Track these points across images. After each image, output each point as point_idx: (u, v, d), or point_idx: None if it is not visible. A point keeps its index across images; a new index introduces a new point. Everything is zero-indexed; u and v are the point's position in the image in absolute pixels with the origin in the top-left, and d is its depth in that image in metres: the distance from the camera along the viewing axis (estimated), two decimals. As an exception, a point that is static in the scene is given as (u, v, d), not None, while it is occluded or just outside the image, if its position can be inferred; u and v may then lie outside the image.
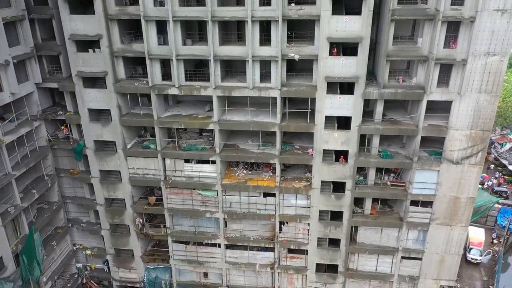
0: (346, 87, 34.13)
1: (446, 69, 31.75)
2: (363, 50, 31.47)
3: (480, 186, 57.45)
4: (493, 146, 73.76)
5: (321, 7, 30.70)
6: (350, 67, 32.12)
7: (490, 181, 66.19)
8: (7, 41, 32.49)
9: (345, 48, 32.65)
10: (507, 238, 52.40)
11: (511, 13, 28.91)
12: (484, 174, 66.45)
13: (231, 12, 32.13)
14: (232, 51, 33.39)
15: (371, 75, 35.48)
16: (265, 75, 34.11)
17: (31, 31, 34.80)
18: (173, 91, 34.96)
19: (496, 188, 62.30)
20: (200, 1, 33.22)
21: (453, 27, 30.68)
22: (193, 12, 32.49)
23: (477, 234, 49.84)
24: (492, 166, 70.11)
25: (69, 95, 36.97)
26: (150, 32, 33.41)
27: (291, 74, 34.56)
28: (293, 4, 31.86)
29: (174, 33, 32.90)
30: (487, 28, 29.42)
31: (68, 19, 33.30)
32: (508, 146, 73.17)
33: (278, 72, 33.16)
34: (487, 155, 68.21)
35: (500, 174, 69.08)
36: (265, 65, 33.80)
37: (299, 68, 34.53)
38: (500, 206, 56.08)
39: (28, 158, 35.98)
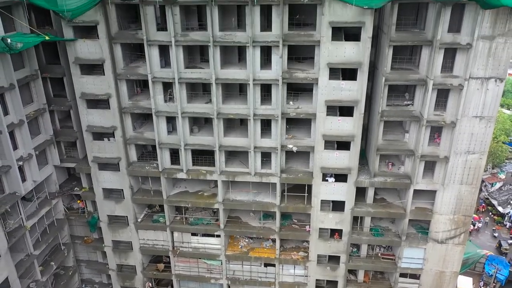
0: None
1: (430, 164, 34.84)
2: (355, 147, 34.60)
3: (471, 226, 60.35)
4: (484, 184, 76.80)
5: (317, 109, 33.80)
6: (343, 159, 35.23)
7: (481, 222, 69.20)
8: (29, 132, 35.51)
9: (339, 144, 35.60)
10: (494, 286, 55.48)
11: (488, 119, 32.05)
12: (475, 215, 69.48)
13: (235, 109, 35.21)
14: (236, 142, 36.48)
15: (363, 157, 38.56)
16: (265, 162, 37.17)
17: (50, 120, 37.79)
18: (181, 175, 38.04)
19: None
20: (206, 92, 36.53)
21: (436, 129, 33.80)
22: (199, 109, 35.55)
23: (466, 285, 52.83)
24: (482, 208, 73.02)
25: (85, 174, 40.01)
26: (160, 124, 36.46)
27: (290, 161, 37.65)
28: (291, 103, 34.99)
29: (183, 126, 35.96)
30: (467, 131, 32.56)
31: (86, 113, 36.36)
32: (498, 185, 76.30)
33: (277, 160, 36.25)
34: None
35: (491, 213, 72.23)
36: (266, 154, 36.85)
37: (297, 156, 37.50)
38: (488, 253, 59.13)
39: (47, 234, 39.04)
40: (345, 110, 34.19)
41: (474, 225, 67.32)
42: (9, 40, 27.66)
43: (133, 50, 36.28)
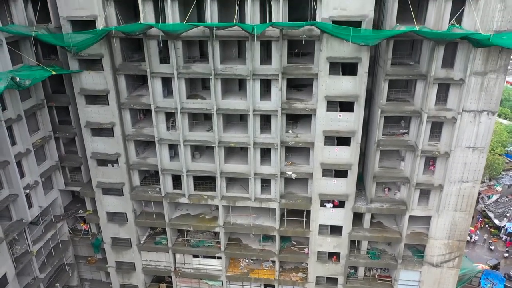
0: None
1: (425, 191, 35.86)
2: (352, 174, 35.62)
3: (468, 238, 61.23)
4: (481, 196, 77.80)
5: (315, 137, 34.83)
6: (341, 186, 36.26)
7: (477, 235, 70.20)
8: (35, 159, 36.48)
9: (337, 171, 36.60)
10: (490, 301, 56.54)
11: (481, 150, 33.07)
12: (471, 228, 70.47)
13: (236, 138, 36.21)
14: (236, 168, 37.50)
15: (361, 181, 39.57)
16: (265, 188, 38.18)
17: (56, 146, 38.79)
18: (183, 200, 39.05)
19: None
20: (207, 119, 37.54)
21: (431, 158, 34.82)
22: (201, 137, 36.56)
23: (461, 300, 53.92)
24: (479, 219, 73.94)
25: (89, 198, 41.02)
26: (162, 151, 37.45)
27: (290, 186, 38.67)
28: (290, 131, 36.02)
29: (185, 153, 36.95)
30: (460, 161, 33.57)
31: (90, 141, 37.37)
32: (494, 198, 77.35)
33: (277, 187, 37.26)
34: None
35: (487, 226, 73.27)
36: (266, 180, 37.85)
37: (296, 181, 38.46)
38: (484, 267, 60.14)
39: (52, 256, 40.06)
40: (343, 139, 35.18)
41: (470, 238, 68.28)
42: (18, 79, 28.67)
43: (137, 79, 37.26)
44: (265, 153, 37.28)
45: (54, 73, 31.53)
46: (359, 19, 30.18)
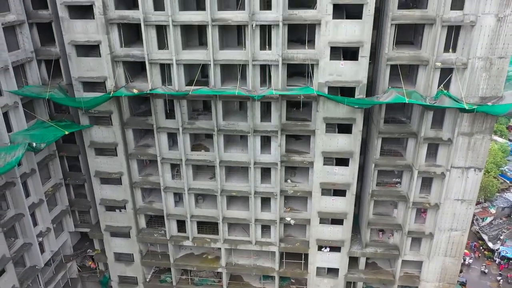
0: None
1: (417, 239, 37.86)
2: (348, 222, 37.69)
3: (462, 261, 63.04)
4: (475, 218, 79.75)
5: (312, 187, 36.85)
6: (337, 233, 38.30)
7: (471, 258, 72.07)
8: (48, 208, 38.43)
9: (333, 220, 38.61)
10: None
11: (469, 202, 35.13)
12: (466, 251, 72.37)
13: (237, 187, 38.20)
14: (238, 214, 39.59)
15: (356, 224, 41.52)
16: (265, 231, 40.22)
17: (66, 193, 40.81)
18: (187, 243, 41.07)
19: None
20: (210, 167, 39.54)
21: (421, 210, 36.93)
22: (204, 185, 38.59)
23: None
24: (475, 247, 75.57)
25: (98, 239, 43.03)
26: (168, 198, 39.49)
27: (288, 230, 40.68)
28: (289, 181, 38.05)
29: (189, 200, 38.97)
30: (450, 212, 35.60)
31: (99, 188, 39.43)
32: (488, 220, 79.30)
33: (276, 231, 39.29)
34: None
35: (481, 247, 75.10)
36: (266, 225, 39.89)
37: (295, 226, 40.39)
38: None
39: (62, 296, 42.08)
40: (339, 190, 37.17)
41: (464, 260, 70.17)
42: (34, 144, 30.71)
43: (144, 131, 39.25)
44: (265, 200, 39.24)
45: (66, 132, 33.46)
46: (353, 85, 32.20)
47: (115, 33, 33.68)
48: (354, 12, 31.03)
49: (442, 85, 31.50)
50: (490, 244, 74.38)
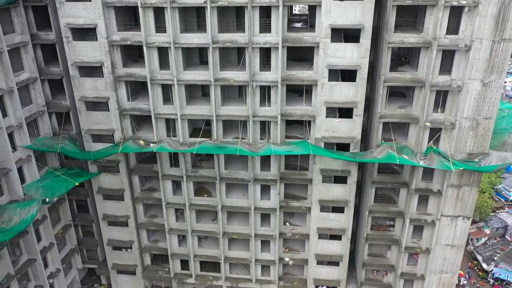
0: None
1: (409, 280, 39.73)
2: (344, 264, 39.58)
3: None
4: (470, 238, 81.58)
5: (310, 231, 38.76)
6: (333, 274, 40.23)
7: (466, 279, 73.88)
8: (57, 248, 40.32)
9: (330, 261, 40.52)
10: None
11: (458, 247, 37.09)
12: (461, 272, 74.13)
13: (238, 229, 40.09)
14: (239, 255, 41.50)
15: (352, 262, 43.41)
16: (265, 270, 42.13)
17: (75, 233, 42.69)
18: (190, 280, 42.96)
19: None
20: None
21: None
22: (207, 228, 40.49)
23: None
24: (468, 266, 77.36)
25: (105, 276, 44.93)
26: (172, 239, 41.38)
27: (287, 268, 42.57)
28: (288, 224, 39.96)
29: (192, 241, 40.86)
30: (440, 256, 37.51)
31: (107, 229, 41.29)
32: (483, 240, 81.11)
33: (276, 270, 41.20)
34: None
35: (476, 268, 76.84)
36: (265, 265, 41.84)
37: (293, 265, 42.26)
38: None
39: (71, 329, 43.92)
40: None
41: (459, 281, 71.90)
42: (47, 199, 32.65)
43: (149, 178, 41.16)
44: (265, 241, 41.10)
45: (77, 184, 35.31)
46: (348, 141, 34.11)
47: (123, 89, 35.58)
48: (348, 75, 32.90)
49: (432, 141, 33.43)
50: (484, 265, 76.23)
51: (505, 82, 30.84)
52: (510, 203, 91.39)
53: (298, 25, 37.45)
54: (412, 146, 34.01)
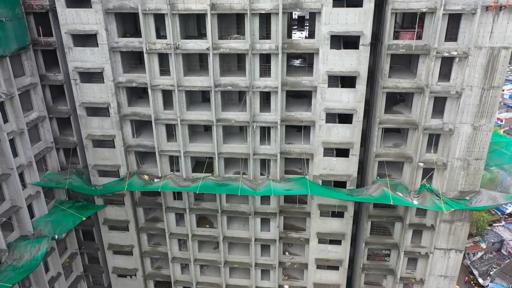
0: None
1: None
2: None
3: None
4: (467, 252, 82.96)
5: (308, 261, 40.19)
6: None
7: (462, 295, 75.16)
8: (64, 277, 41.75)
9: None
10: None
11: (451, 278, 38.49)
12: (457, 286, 75.47)
13: (239, 258, 41.50)
14: (239, 282, 42.87)
15: (349, 283, 44.85)
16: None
17: (81, 260, 44.12)
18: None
19: None
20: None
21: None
22: (209, 257, 41.95)
23: None
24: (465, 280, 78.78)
25: (109, 300, 46.43)
26: (175, 267, 42.82)
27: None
28: (287, 253, 41.40)
29: (195, 270, 42.31)
30: (434, 286, 38.91)
31: (112, 258, 42.72)
32: (479, 254, 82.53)
33: (275, 298, 42.77)
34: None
35: (472, 282, 78.30)
36: None
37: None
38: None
39: None
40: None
41: (456, 296, 73.33)
42: (56, 237, 34.09)
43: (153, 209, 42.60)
44: (265, 270, 42.50)
45: (84, 218, 36.75)
46: (344, 179, 35.52)
47: (128, 126, 37.01)
48: (345, 118, 34.26)
49: (425, 179, 34.83)
50: (480, 280, 77.64)
51: (503, 90, 32.00)
52: (506, 216, 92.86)
53: (297, 62, 38.81)
54: (406, 183, 35.39)
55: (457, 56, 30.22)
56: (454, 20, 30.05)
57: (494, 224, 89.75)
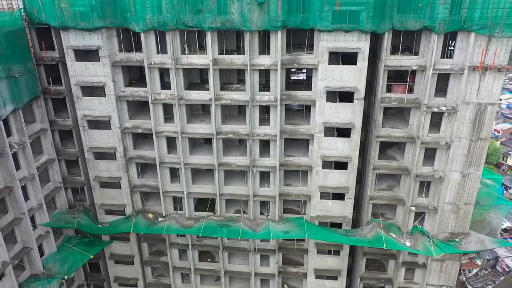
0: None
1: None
2: (337, 324, 42.75)
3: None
4: (462, 269, 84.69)
5: (306, 295, 42.00)
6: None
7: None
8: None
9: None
10: None
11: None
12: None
13: (239, 268, 42.80)
14: (240, 312, 44.69)
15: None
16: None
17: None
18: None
19: None
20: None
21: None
22: (209, 270, 43.62)
23: None
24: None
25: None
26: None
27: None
28: (285, 286, 43.13)
29: (197, 300, 44.15)
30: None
31: (113, 269, 44.43)
32: (475, 271, 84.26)
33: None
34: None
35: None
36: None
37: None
38: None
39: None
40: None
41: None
42: (65, 277, 35.84)
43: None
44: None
45: (91, 256, 38.46)
46: (340, 221, 37.24)
47: (133, 168, 38.72)
48: (340, 164, 35.95)
49: (417, 221, 36.55)
50: (475, 297, 79.55)
51: (500, 100, 33.55)
52: (501, 232, 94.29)
53: (296, 105, 40.40)
54: (400, 223, 37.13)
55: (446, 111, 31.93)
56: (443, 78, 31.78)
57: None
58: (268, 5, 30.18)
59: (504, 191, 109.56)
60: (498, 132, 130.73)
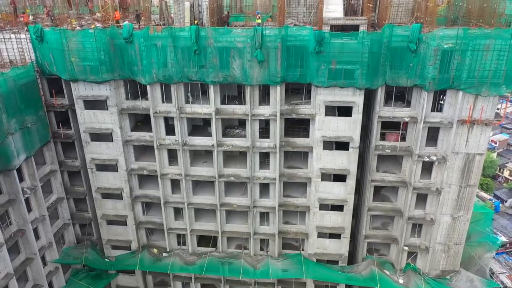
0: None
1: None
2: None
3: None
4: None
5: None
6: None
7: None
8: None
9: None
10: None
11: None
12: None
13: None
14: None
15: None
16: None
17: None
18: None
19: None
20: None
21: None
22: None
23: None
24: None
25: None
26: (181, 326, 46.38)
27: None
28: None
29: (199, 329, 45.84)
30: None
31: (122, 319, 46.20)
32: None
33: None
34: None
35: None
36: None
37: None
38: None
39: None
40: None
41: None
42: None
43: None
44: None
45: (98, 295, 40.31)
46: (336, 258, 39.03)
47: (139, 206, 40.46)
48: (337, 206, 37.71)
49: (410, 259, 38.31)
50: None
51: (497, 109, 35.00)
52: (498, 245, 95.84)
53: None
54: (393, 260, 38.88)
55: (437, 161, 33.69)
56: (434, 128, 33.53)
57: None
58: (268, 63, 31.96)
59: (501, 204, 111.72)
60: (495, 143, 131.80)
